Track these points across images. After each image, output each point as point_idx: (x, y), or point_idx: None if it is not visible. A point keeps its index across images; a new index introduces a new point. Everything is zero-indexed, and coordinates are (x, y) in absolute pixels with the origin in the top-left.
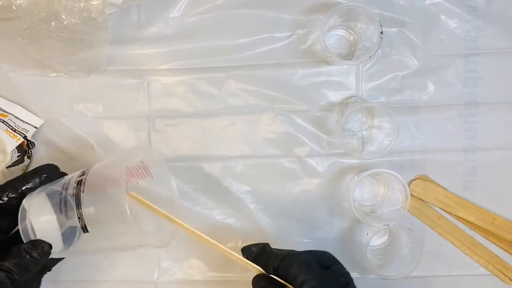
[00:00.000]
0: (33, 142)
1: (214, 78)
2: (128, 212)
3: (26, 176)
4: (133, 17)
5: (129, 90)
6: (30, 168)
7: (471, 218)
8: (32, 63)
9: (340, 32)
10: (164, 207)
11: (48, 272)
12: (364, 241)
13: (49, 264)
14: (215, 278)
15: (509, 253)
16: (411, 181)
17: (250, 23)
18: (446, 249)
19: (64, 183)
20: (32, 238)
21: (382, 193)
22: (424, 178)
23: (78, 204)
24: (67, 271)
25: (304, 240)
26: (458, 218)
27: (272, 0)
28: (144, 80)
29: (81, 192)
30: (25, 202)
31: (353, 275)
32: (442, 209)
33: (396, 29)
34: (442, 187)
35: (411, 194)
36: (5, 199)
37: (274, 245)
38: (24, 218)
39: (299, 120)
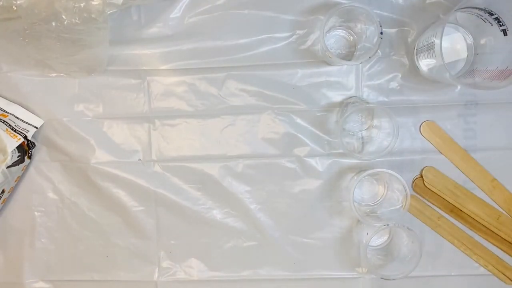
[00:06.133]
0: (33, 142)
1: (214, 78)
2: None
3: None
4: (133, 18)
5: (129, 90)
6: (30, 168)
7: (478, 212)
8: (32, 63)
9: (340, 32)
10: None
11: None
12: (364, 241)
13: None
14: (215, 278)
15: (509, 254)
16: (415, 178)
17: (250, 23)
18: (446, 249)
19: None
20: None
21: (382, 193)
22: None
23: None
24: (67, 271)
25: (304, 240)
26: (462, 213)
27: (272, 1)
28: (144, 80)
29: None
30: None
31: (353, 275)
32: (449, 199)
33: (395, 29)
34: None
35: (417, 185)
36: None
37: (274, 245)
38: None
39: (299, 120)
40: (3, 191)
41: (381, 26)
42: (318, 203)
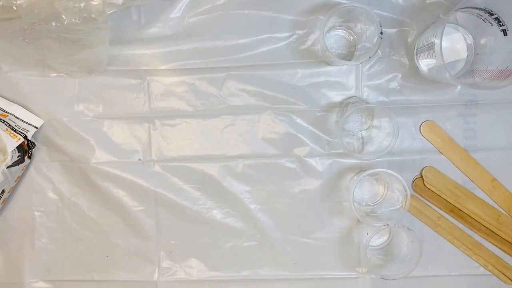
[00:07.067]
0: (33, 142)
1: (214, 78)
2: None
3: None
4: (133, 18)
5: (129, 90)
6: (30, 168)
7: (478, 212)
8: (32, 63)
9: (340, 32)
10: None
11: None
12: (364, 241)
13: None
14: (215, 278)
15: (509, 254)
16: (415, 178)
17: (250, 23)
18: (446, 249)
19: None
20: None
21: (382, 193)
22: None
23: None
24: (67, 271)
25: (304, 240)
26: (462, 213)
27: (272, 1)
28: (144, 80)
29: None
30: None
31: (353, 275)
32: (449, 199)
33: (395, 29)
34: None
35: (417, 185)
36: None
37: (274, 245)
38: None
39: (299, 120)
40: (3, 191)
41: (381, 26)
42: (318, 203)
